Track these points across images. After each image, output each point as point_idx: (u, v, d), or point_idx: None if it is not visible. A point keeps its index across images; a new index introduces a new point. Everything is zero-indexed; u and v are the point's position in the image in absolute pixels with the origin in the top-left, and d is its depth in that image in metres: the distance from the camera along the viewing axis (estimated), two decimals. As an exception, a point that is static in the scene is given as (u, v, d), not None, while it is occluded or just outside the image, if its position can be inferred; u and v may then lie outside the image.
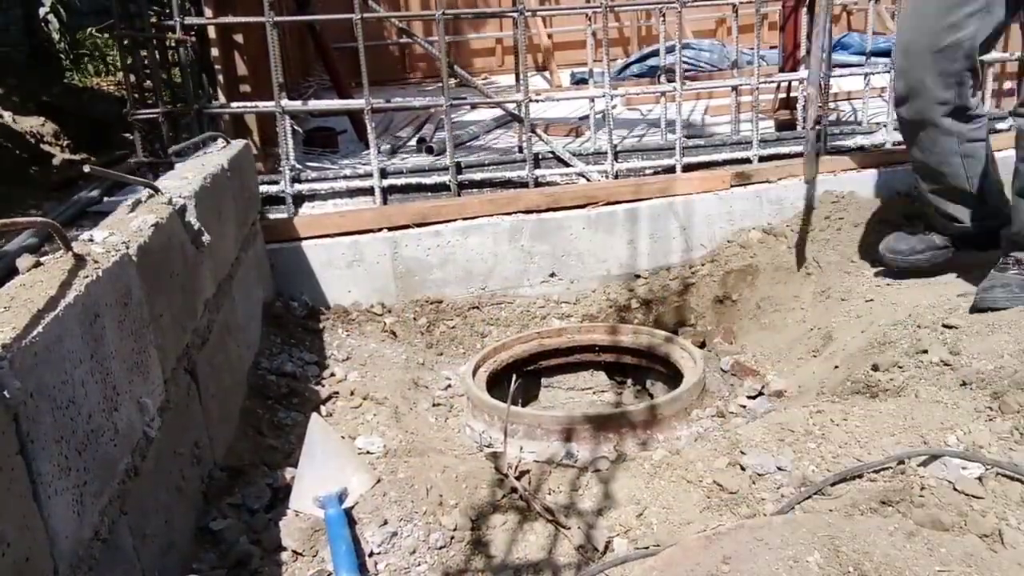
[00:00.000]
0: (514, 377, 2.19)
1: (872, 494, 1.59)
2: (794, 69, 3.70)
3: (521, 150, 3.32)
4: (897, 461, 1.66)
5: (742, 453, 1.82)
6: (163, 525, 1.52)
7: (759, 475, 1.75)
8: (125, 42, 2.93)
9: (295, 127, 3.79)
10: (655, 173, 3.37)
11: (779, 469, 1.75)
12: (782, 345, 2.67)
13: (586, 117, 3.73)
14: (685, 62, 4.63)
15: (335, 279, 2.95)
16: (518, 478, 1.83)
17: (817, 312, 2.70)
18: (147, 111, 2.89)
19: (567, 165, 3.33)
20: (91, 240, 1.61)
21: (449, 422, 2.49)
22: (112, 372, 1.40)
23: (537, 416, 2.26)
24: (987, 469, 1.60)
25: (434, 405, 2.55)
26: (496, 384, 2.65)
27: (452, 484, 1.77)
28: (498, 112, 4.26)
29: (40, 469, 1.10)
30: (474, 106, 4.61)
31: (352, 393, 2.35)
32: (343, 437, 2.08)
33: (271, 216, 2.99)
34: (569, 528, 1.69)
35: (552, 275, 3.16)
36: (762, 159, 3.41)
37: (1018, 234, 2.30)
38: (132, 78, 2.97)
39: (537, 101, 3.28)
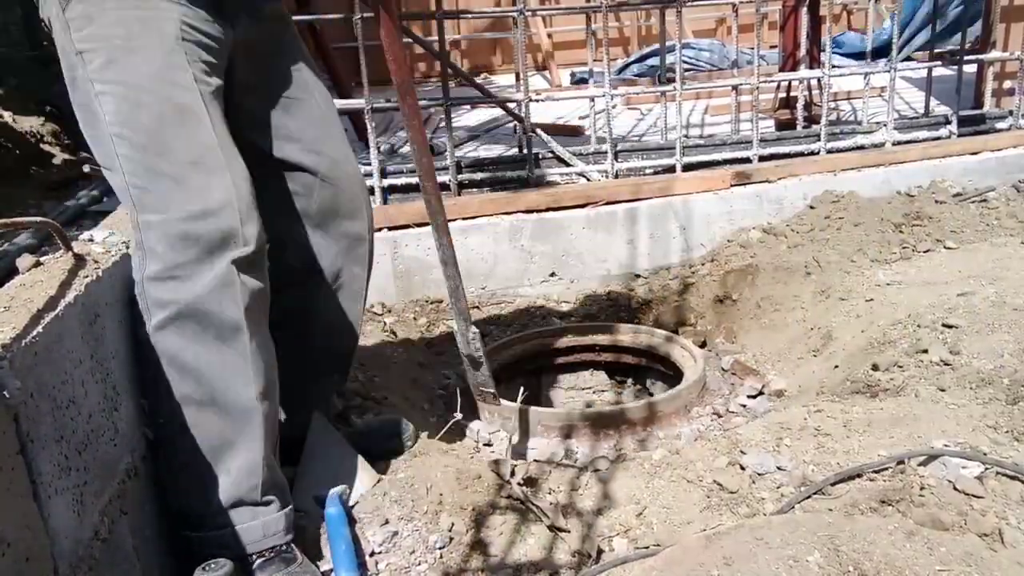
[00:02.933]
0: (521, 389, 2.19)
1: (872, 494, 1.59)
2: (794, 69, 3.70)
3: (521, 149, 3.32)
4: (897, 461, 1.66)
5: (742, 453, 1.82)
6: (163, 524, 1.52)
7: (759, 475, 1.75)
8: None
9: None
10: (655, 173, 3.37)
11: (779, 469, 1.75)
12: (782, 345, 2.67)
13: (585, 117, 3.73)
14: (685, 62, 4.63)
15: (335, 279, 2.95)
16: (520, 484, 1.83)
17: (817, 312, 2.70)
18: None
19: (567, 165, 3.33)
20: (91, 240, 1.61)
21: (448, 421, 2.48)
22: (112, 372, 1.40)
23: (537, 413, 2.26)
24: (987, 468, 1.60)
25: (433, 404, 2.55)
26: (495, 384, 2.64)
27: (452, 484, 1.77)
28: (498, 112, 4.26)
29: (40, 469, 1.10)
30: (474, 106, 4.61)
31: (354, 393, 2.35)
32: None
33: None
34: (568, 532, 1.69)
35: (552, 275, 3.16)
36: (762, 159, 3.41)
37: None
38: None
39: (537, 101, 3.28)
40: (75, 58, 1.43)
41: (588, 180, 3.29)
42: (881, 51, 4.43)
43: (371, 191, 3.09)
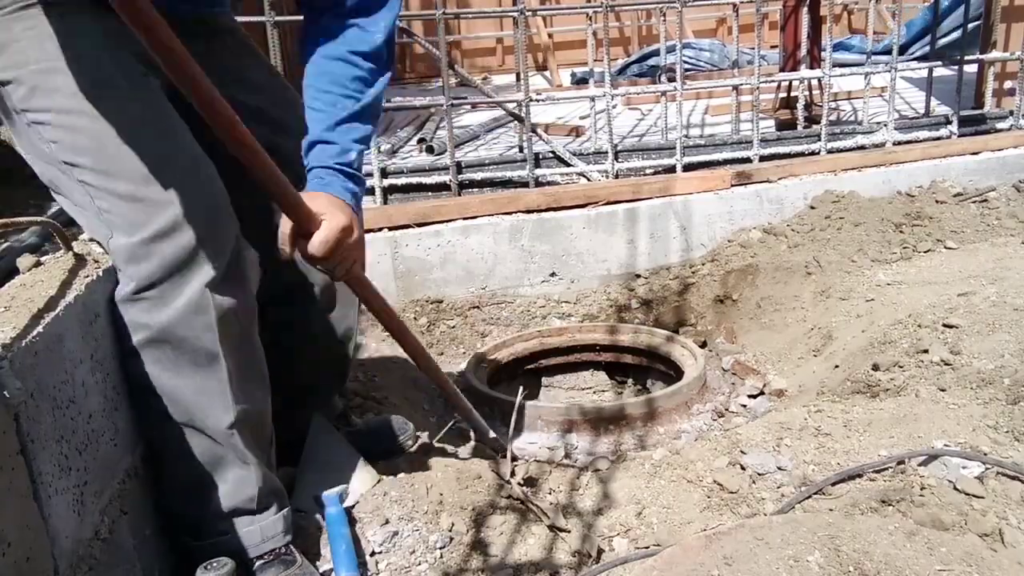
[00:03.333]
0: (520, 389, 2.19)
1: (872, 494, 1.59)
2: (794, 69, 3.69)
3: (522, 150, 3.32)
4: (897, 461, 1.66)
5: (742, 452, 1.82)
6: (164, 524, 1.52)
7: (759, 475, 1.75)
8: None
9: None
10: (655, 173, 3.38)
11: (779, 469, 1.75)
12: (782, 345, 2.67)
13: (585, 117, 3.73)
14: (685, 62, 4.64)
15: (335, 279, 2.95)
16: (520, 484, 1.83)
17: (817, 312, 2.70)
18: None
19: (567, 165, 3.33)
20: (92, 240, 1.61)
21: (448, 421, 2.48)
22: (112, 372, 1.40)
23: (537, 408, 2.26)
24: (987, 468, 1.60)
25: (433, 404, 2.55)
26: (495, 383, 2.64)
27: (452, 484, 1.77)
28: (498, 112, 4.26)
29: (40, 469, 1.10)
30: (474, 106, 4.61)
31: (354, 393, 2.35)
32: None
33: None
34: (569, 532, 1.69)
35: (552, 275, 3.16)
36: (763, 158, 3.41)
37: None
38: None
39: (538, 101, 3.28)
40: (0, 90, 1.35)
41: (588, 180, 3.29)
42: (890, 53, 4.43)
43: (371, 191, 3.10)
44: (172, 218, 1.33)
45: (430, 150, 3.67)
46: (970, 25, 3.86)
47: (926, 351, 2.11)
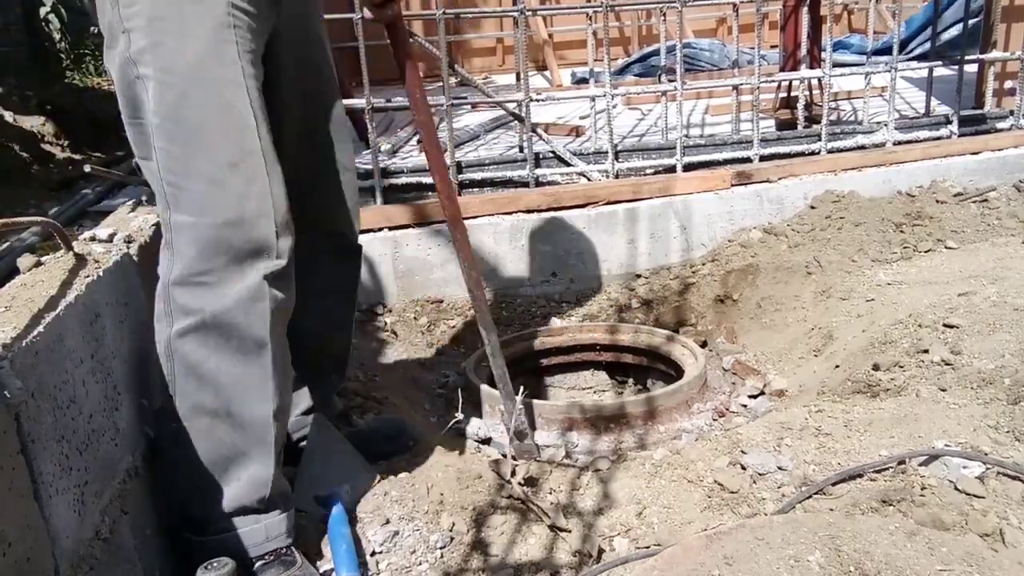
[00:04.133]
0: (520, 388, 2.19)
1: (873, 493, 1.59)
2: (794, 68, 3.69)
3: (522, 149, 3.32)
4: (898, 461, 1.66)
5: (743, 452, 1.82)
6: (164, 524, 1.52)
7: (760, 474, 1.75)
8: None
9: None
10: (656, 172, 3.37)
11: (780, 468, 1.75)
12: (783, 345, 2.67)
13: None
14: (686, 61, 4.63)
15: (336, 279, 2.95)
16: (521, 484, 1.83)
17: (818, 312, 2.70)
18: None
19: (568, 165, 3.33)
20: (92, 239, 1.61)
21: (448, 421, 2.48)
22: (113, 372, 1.40)
23: (538, 406, 2.26)
24: (988, 468, 1.60)
25: (434, 404, 2.55)
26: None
27: (453, 483, 1.77)
28: (498, 112, 4.26)
29: (41, 469, 1.10)
30: (474, 106, 4.61)
31: (354, 393, 2.35)
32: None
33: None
34: (569, 531, 1.69)
35: (553, 275, 3.16)
36: (763, 158, 3.41)
37: None
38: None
39: (538, 101, 3.28)
40: (121, 36, 1.35)
41: (588, 180, 3.29)
42: (889, 52, 4.43)
43: (371, 191, 3.10)
44: (245, 211, 1.35)
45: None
46: (970, 23, 3.85)
47: (926, 351, 2.11)
